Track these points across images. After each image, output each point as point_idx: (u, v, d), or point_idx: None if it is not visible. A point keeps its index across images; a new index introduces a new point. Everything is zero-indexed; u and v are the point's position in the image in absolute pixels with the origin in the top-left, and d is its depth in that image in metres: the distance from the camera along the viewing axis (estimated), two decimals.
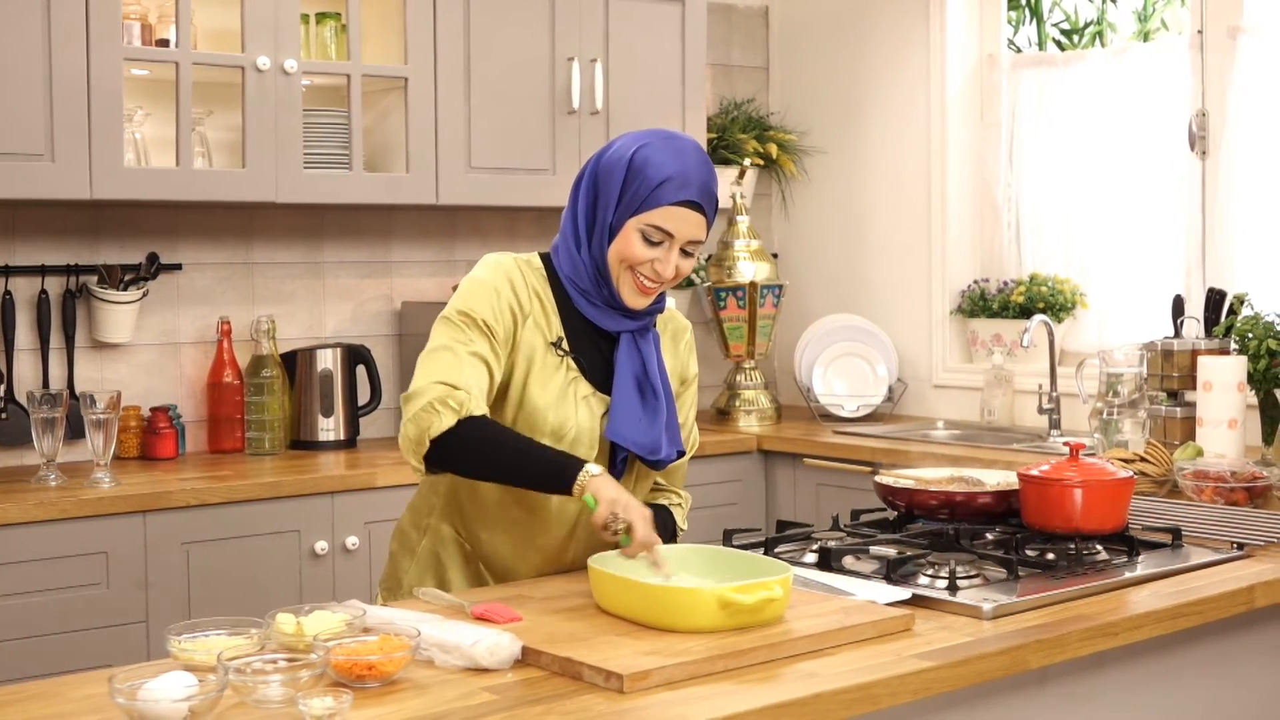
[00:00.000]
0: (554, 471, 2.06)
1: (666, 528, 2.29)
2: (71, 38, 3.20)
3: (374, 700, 1.64)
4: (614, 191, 2.16)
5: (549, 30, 3.88)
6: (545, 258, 2.26)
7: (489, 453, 2.08)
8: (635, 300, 2.19)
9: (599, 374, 2.23)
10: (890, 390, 4.34)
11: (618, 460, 2.23)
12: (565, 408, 2.18)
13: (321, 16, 3.67)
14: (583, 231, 2.20)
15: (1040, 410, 3.91)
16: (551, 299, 2.22)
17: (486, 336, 2.14)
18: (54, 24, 3.18)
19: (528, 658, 1.77)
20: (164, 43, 3.48)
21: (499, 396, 2.19)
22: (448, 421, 2.05)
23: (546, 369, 2.19)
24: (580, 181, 2.23)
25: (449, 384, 2.07)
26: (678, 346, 2.37)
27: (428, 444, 2.06)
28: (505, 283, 2.18)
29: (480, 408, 2.08)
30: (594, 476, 2.03)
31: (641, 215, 2.14)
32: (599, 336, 2.24)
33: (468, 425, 2.06)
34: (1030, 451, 3.64)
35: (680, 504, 2.40)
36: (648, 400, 2.21)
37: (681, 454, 2.28)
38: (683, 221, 2.14)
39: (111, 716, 1.59)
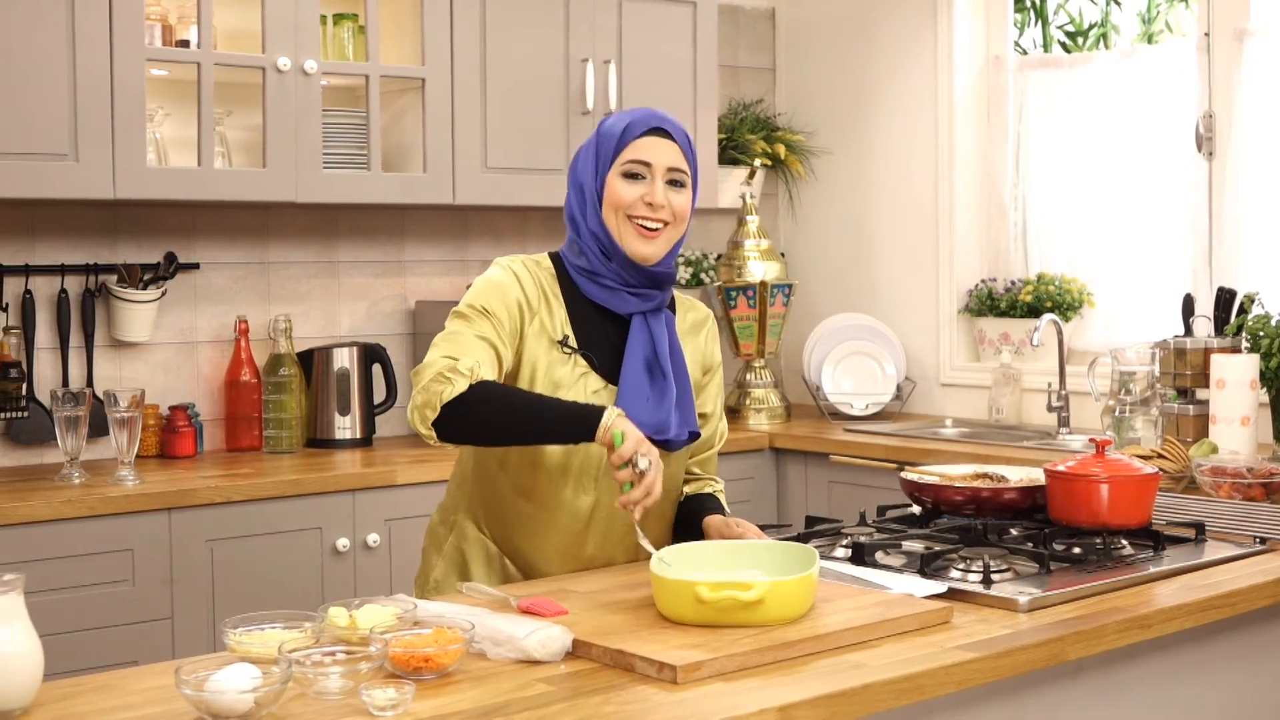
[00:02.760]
0: (575, 420, 2.08)
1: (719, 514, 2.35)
2: (95, 39, 3.22)
3: (432, 691, 1.66)
4: (591, 162, 2.25)
5: (563, 32, 3.91)
6: (555, 256, 2.31)
7: (505, 411, 2.10)
8: (642, 248, 2.22)
9: (611, 366, 2.26)
10: (899, 389, 4.38)
11: None
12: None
13: (339, 17, 3.69)
14: (579, 215, 2.26)
15: (1049, 408, 3.95)
16: (559, 295, 2.26)
17: (494, 326, 2.18)
18: (78, 25, 3.20)
19: (578, 650, 1.80)
20: (184, 43, 3.50)
21: None
22: (460, 386, 2.08)
23: (554, 367, 2.23)
24: (569, 175, 2.33)
25: (456, 357, 2.12)
26: (699, 336, 2.40)
27: (439, 409, 2.08)
28: (513, 281, 2.23)
29: (490, 377, 2.12)
30: (619, 417, 2.07)
31: (616, 162, 2.22)
32: (610, 326, 2.27)
33: (480, 388, 2.10)
34: (1045, 449, 3.68)
35: (720, 490, 2.44)
36: (656, 380, 2.23)
37: (695, 435, 2.28)
38: (654, 149, 2.22)
39: (175, 708, 1.61)
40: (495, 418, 2.10)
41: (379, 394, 3.90)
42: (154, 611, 3.10)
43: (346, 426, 3.80)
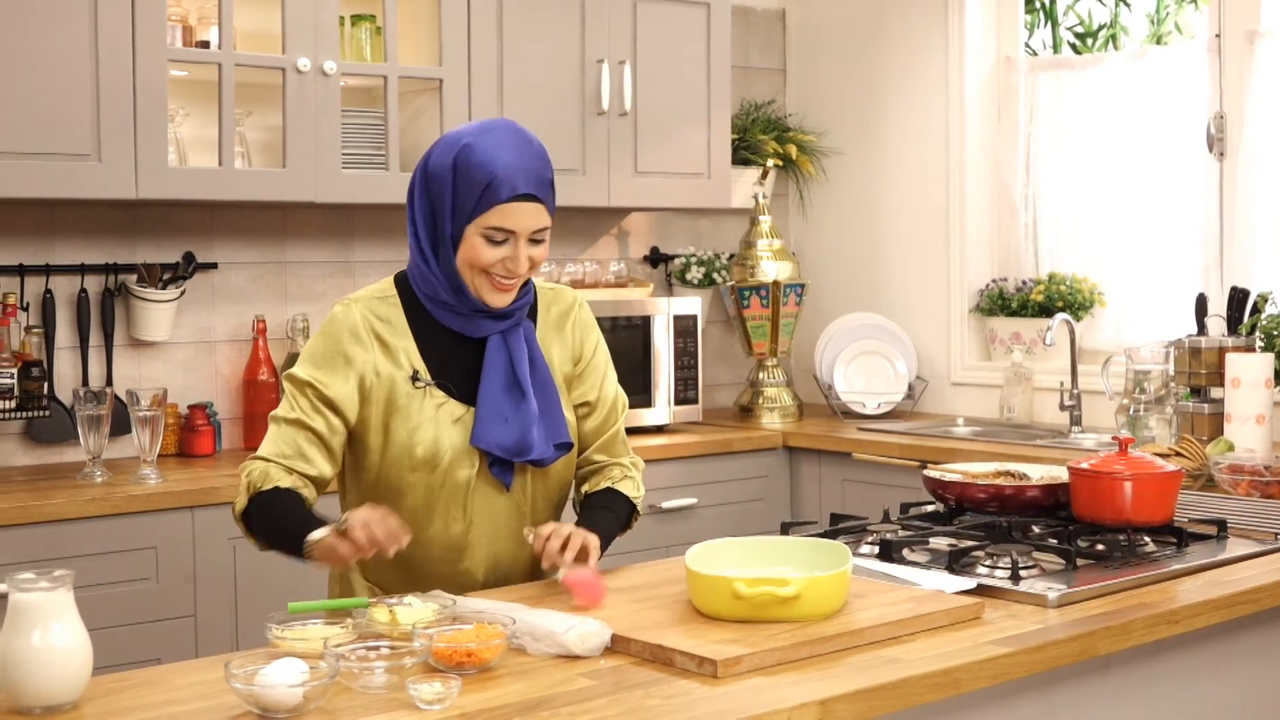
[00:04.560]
0: (293, 545, 2.09)
1: (615, 509, 2.28)
2: (118, 40, 3.24)
3: (476, 686, 1.68)
4: (446, 200, 2.13)
5: (579, 33, 3.93)
6: (400, 280, 2.24)
7: (263, 529, 2.14)
8: (497, 299, 2.16)
9: (470, 389, 2.20)
10: (910, 388, 4.40)
11: (490, 465, 2.20)
12: (434, 435, 2.17)
13: (356, 18, 3.71)
14: (427, 246, 2.17)
15: (1062, 407, 3.97)
16: (406, 328, 2.20)
17: (312, 400, 2.15)
18: (101, 26, 3.22)
19: (616, 645, 1.83)
20: (204, 44, 3.52)
21: (363, 447, 2.20)
22: (241, 503, 2.15)
23: (411, 404, 2.17)
24: (413, 193, 2.18)
25: (261, 457, 2.15)
26: (565, 329, 2.31)
27: (241, 523, 2.17)
28: (338, 347, 2.17)
29: (283, 478, 2.12)
30: (314, 544, 2.04)
31: (478, 219, 2.11)
32: (466, 347, 2.21)
33: (254, 503, 2.13)
34: (1059, 447, 3.70)
35: (628, 475, 2.35)
36: (514, 399, 2.18)
37: (566, 446, 2.23)
38: (520, 216, 2.11)
39: (223, 702, 1.63)
40: (263, 537, 2.15)
41: None
42: (177, 609, 3.12)
43: None
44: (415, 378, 2.18)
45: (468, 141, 2.13)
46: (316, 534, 2.05)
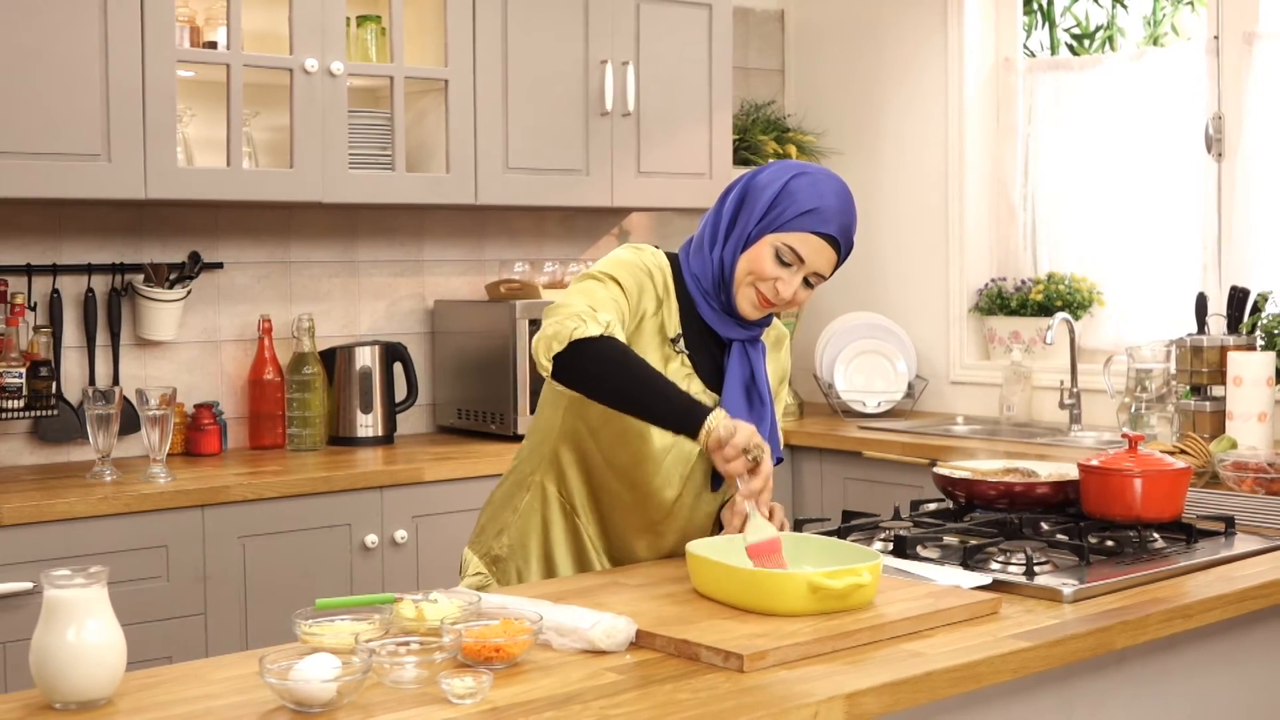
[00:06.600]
0: (681, 412, 2.08)
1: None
2: (126, 41, 3.25)
3: (506, 681, 1.70)
4: (761, 206, 2.24)
5: (583, 34, 3.95)
6: (672, 256, 2.35)
7: (622, 373, 2.09)
8: (749, 312, 2.28)
9: (709, 375, 2.32)
10: (910, 386, 4.43)
11: None
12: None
13: (362, 19, 3.73)
14: (721, 233, 2.28)
15: (1061, 405, 4.01)
16: (674, 296, 2.31)
17: (624, 297, 2.23)
18: (109, 27, 3.23)
19: (642, 640, 1.85)
20: (211, 45, 3.53)
21: None
22: (593, 330, 2.08)
23: (660, 362, 2.27)
24: (730, 190, 2.31)
25: (595, 308, 2.14)
26: (779, 352, 2.48)
27: (566, 343, 2.07)
28: (644, 269, 2.27)
29: (621, 336, 2.14)
30: (726, 417, 2.06)
31: (780, 234, 2.22)
32: (711, 340, 2.33)
33: (609, 341, 2.10)
34: (1060, 445, 3.74)
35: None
36: (754, 407, 2.30)
37: (780, 460, 2.36)
38: (816, 251, 2.23)
39: (257, 697, 1.65)
40: (611, 374, 2.10)
41: (399, 392, 3.93)
42: (187, 608, 3.14)
43: (369, 424, 3.83)
44: (676, 341, 2.29)
45: (807, 173, 2.25)
46: (722, 414, 2.07)
